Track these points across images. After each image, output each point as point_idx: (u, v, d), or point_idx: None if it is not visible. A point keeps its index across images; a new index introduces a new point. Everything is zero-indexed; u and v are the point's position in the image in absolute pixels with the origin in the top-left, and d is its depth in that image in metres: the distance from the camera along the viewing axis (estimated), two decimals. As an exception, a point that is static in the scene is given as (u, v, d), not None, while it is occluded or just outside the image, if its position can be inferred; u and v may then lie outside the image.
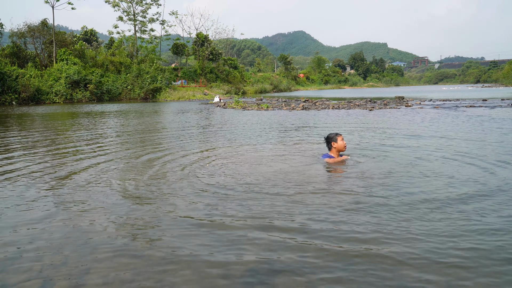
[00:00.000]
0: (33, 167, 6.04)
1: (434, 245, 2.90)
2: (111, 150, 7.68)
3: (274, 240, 3.08)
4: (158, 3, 51.47)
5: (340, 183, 4.72)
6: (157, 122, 14.08)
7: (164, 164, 6.04)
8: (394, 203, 3.89)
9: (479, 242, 2.94)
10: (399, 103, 22.03)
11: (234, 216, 3.64)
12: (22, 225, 3.51)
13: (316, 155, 6.37)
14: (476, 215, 3.52)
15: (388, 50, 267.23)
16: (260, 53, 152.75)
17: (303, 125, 11.85)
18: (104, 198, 4.28)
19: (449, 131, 9.59)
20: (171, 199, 4.20)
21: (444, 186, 4.50)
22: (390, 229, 3.23)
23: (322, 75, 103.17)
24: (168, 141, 8.83)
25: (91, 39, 61.82)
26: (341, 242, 3.00)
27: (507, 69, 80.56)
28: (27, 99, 31.86)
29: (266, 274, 2.55)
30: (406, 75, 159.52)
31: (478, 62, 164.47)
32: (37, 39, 40.56)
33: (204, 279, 2.51)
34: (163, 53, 72.77)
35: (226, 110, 20.57)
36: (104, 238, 3.18)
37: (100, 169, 5.78)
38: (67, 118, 16.45)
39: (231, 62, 61.66)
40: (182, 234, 3.23)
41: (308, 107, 19.68)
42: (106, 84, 38.52)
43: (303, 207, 3.82)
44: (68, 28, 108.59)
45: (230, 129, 11.23)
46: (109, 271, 2.62)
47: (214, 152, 7.09)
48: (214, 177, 5.11)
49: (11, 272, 2.65)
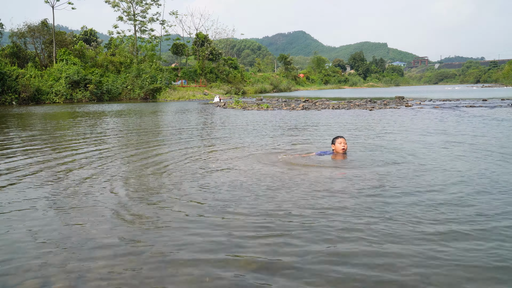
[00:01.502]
0: (33, 166, 6.04)
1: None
2: (111, 149, 7.68)
3: (275, 239, 3.08)
4: (158, 3, 51.45)
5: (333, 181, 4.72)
6: (157, 122, 14.08)
7: (164, 164, 6.04)
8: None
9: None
10: (399, 103, 22.03)
11: (235, 216, 3.64)
12: (21, 225, 3.51)
13: (314, 155, 6.38)
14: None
15: (388, 50, 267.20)
16: (260, 53, 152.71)
17: (303, 125, 11.85)
18: (104, 198, 4.28)
19: (449, 131, 9.60)
20: (171, 199, 4.20)
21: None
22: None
23: (322, 75, 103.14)
24: (168, 141, 8.83)
25: (91, 39, 61.79)
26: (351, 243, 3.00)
27: (507, 69, 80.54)
28: (27, 99, 31.85)
29: (266, 275, 2.55)
30: (406, 75, 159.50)
31: (478, 62, 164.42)
32: (37, 39, 40.56)
33: (204, 279, 2.51)
34: (163, 53, 72.72)
35: (226, 110, 20.56)
36: (104, 238, 3.18)
37: (100, 169, 5.77)
38: (67, 118, 16.45)
39: (231, 62, 61.66)
40: (183, 234, 3.23)
41: (308, 107, 19.69)
42: (106, 84, 38.51)
43: (311, 207, 3.82)
44: (68, 28, 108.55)
45: (230, 129, 11.23)
46: (109, 271, 2.62)
47: (214, 152, 7.09)
48: (215, 177, 5.11)
49: (11, 272, 2.65)
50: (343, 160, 5.97)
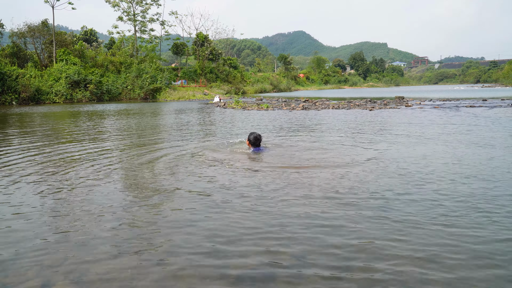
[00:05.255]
0: (32, 166, 6.04)
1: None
2: (111, 149, 7.68)
3: (277, 239, 3.08)
4: (158, 3, 51.47)
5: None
6: (157, 122, 14.08)
7: (164, 164, 6.04)
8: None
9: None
10: (399, 103, 22.04)
11: (235, 215, 3.64)
12: (21, 225, 3.51)
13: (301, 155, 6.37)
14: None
15: (388, 50, 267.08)
16: (260, 53, 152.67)
17: (303, 125, 11.85)
18: (104, 197, 4.28)
19: (451, 131, 9.60)
20: (172, 198, 4.20)
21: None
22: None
23: (322, 75, 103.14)
24: (168, 141, 8.82)
25: (91, 39, 61.82)
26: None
27: (507, 69, 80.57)
28: (27, 99, 31.84)
29: (267, 274, 2.55)
30: (406, 75, 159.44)
31: (478, 62, 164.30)
32: (37, 39, 40.55)
33: (204, 278, 2.51)
34: (163, 53, 72.74)
35: (226, 110, 20.56)
36: (104, 238, 3.18)
37: (100, 168, 5.77)
38: (68, 118, 16.45)
39: (231, 62, 61.65)
40: (182, 234, 3.23)
41: (308, 107, 19.69)
42: (106, 84, 38.50)
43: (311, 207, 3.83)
44: (68, 28, 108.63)
45: (231, 129, 11.23)
46: (109, 271, 2.62)
47: (214, 152, 7.08)
48: (216, 177, 5.11)
49: (11, 272, 2.65)
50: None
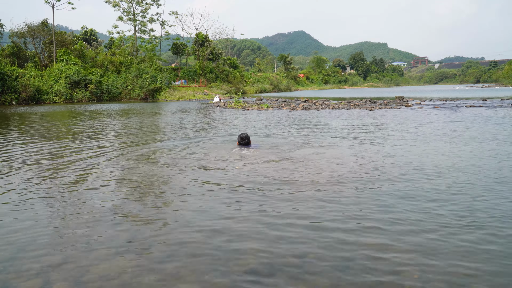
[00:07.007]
0: (32, 166, 6.04)
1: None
2: (112, 149, 7.68)
3: (278, 236, 3.08)
4: (158, 3, 51.45)
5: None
6: (157, 122, 14.07)
7: (164, 164, 6.04)
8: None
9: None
10: (399, 103, 22.03)
11: (236, 215, 3.64)
12: (21, 225, 3.51)
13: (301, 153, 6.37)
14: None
15: (388, 50, 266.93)
16: (260, 53, 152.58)
17: (303, 125, 11.85)
18: (104, 197, 4.28)
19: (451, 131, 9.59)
20: (171, 198, 4.20)
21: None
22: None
23: (322, 75, 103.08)
24: (168, 140, 8.83)
25: (91, 39, 61.79)
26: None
27: (507, 69, 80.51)
28: (27, 99, 31.84)
29: (267, 275, 2.55)
30: (406, 75, 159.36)
31: (478, 62, 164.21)
32: (37, 39, 40.53)
33: (204, 278, 2.51)
34: (163, 53, 72.70)
35: (226, 110, 20.56)
36: (104, 238, 3.18)
37: (100, 168, 5.78)
38: (68, 118, 16.45)
39: (231, 62, 61.62)
40: (182, 233, 3.23)
41: (308, 107, 19.69)
42: (106, 84, 38.49)
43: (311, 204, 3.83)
44: (68, 28, 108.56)
45: (230, 128, 11.23)
46: (109, 271, 2.62)
47: (215, 152, 7.09)
48: (216, 176, 5.11)
49: (11, 272, 2.65)
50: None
